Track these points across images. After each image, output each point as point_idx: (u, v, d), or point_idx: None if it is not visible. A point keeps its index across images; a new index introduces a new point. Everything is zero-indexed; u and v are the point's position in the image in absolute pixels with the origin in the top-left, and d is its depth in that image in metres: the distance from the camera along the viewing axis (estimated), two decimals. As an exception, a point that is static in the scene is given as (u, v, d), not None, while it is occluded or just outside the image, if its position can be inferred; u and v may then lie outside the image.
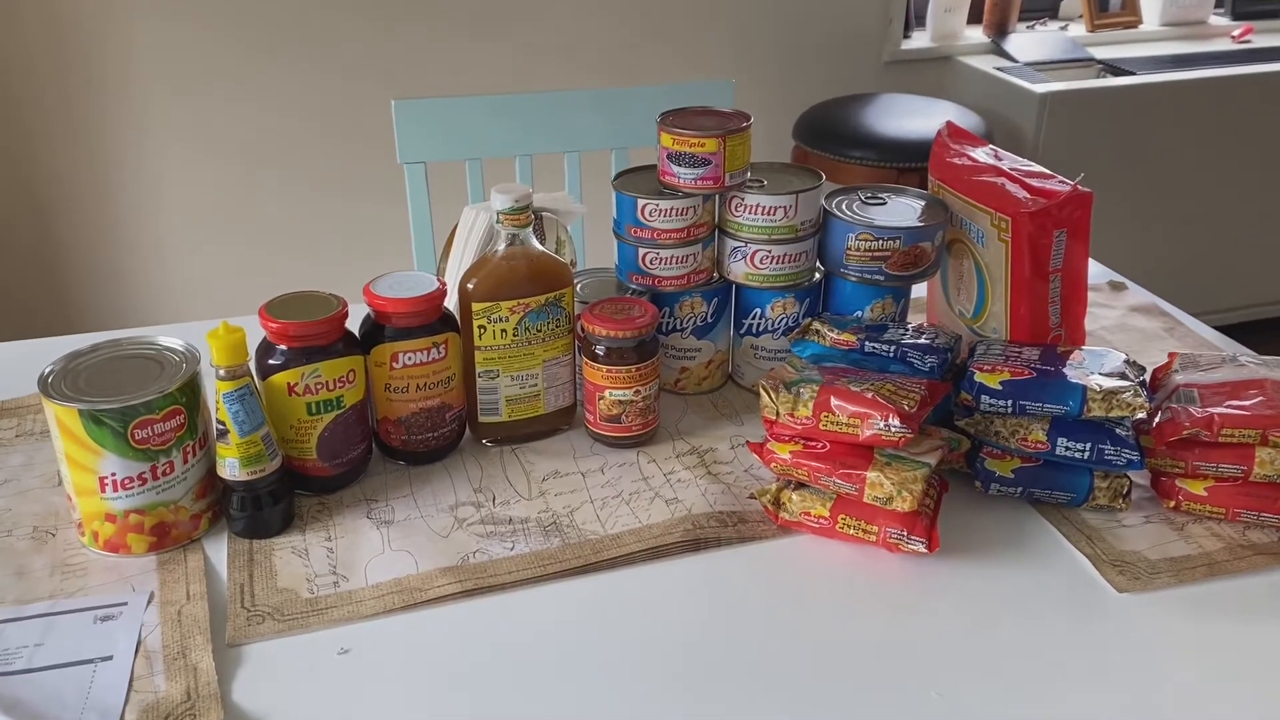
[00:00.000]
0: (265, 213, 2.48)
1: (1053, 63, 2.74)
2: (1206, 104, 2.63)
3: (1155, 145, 2.63)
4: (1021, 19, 2.90)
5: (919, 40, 2.80)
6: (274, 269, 2.50)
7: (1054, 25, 2.97)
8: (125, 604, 0.81)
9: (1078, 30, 2.93)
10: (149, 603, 0.81)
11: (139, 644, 0.77)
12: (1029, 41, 2.81)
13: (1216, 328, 1.25)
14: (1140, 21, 2.95)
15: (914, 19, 2.80)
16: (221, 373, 0.83)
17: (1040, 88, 2.50)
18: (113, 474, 0.82)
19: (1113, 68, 2.72)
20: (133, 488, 0.83)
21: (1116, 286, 1.33)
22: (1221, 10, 3.03)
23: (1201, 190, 2.73)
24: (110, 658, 0.76)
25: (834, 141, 2.39)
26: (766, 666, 0.76)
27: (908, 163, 2.29)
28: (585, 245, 1.60)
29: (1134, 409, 0.85)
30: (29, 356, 1.03)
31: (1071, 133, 2.52)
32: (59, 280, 2.44)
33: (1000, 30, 2.82)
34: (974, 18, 2.85)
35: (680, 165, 1.00)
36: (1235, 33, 2.93)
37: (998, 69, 2.67)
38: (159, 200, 2.41)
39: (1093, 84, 2.62)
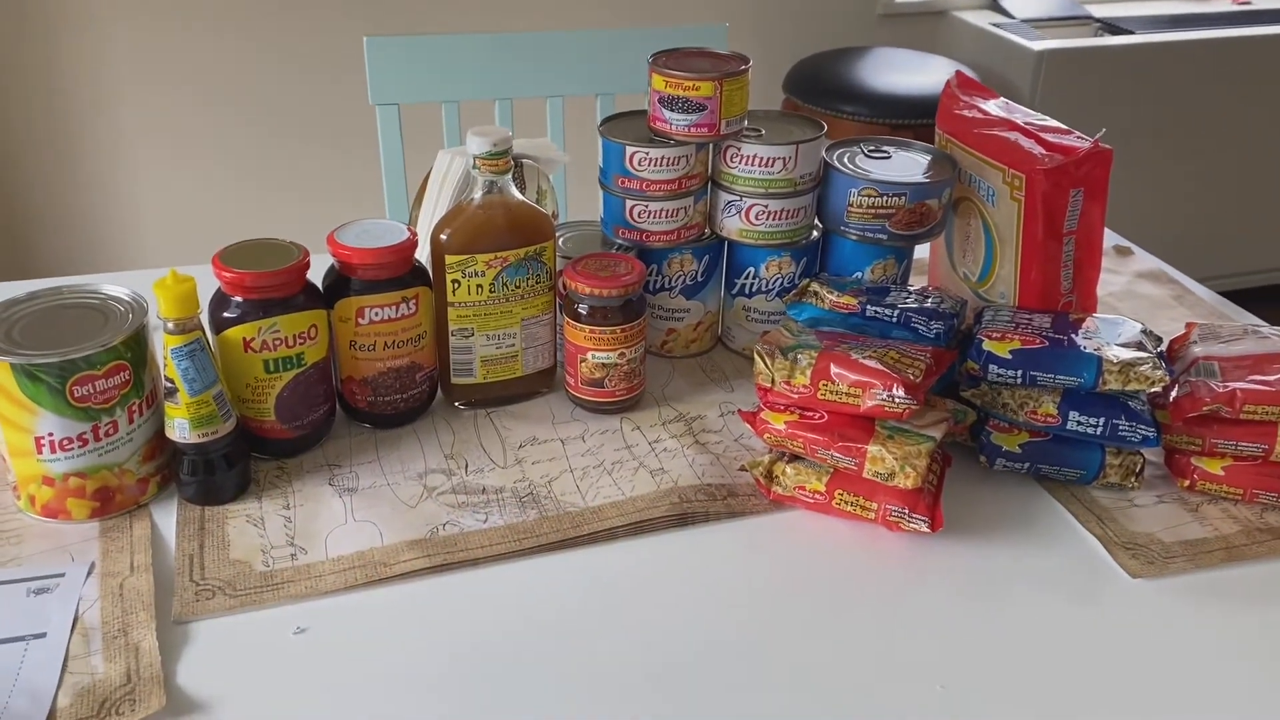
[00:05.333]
0: (230, 155, 2.37)
1: (1050, 20, 2.66)
2: (1205, 65, 2.56)
3: (1153, 106, 2.56)
4: (1019, -27, 2.81)
5: (914, -7, 2.72)
6: (239, 213, 2.39)
7: (1052, -19, 2.89)
8: (63, 575, 0.74)
9: (1076, -13, 2.85)
10: (89, 574, 0.74)
11: (76, 620, 0.71)
12: (1026, -3, 2.73)
13: (1219, 293, 1.20)
14: (1139, -21, 2.88)
15: (909, -29, 2.72)
16: (170, 326, 0.76)
17: (1037, 45, 2.43)
18: (50, 434, 0.76)
19: (1111, 26, 2.65)
20: (72, 449, 0.76)
21: (1122, 251, 1.28)
22: (1222, -30, 2.96)
23: (1200, 152, 2.68)
24: (44, 634, 0.69)
25: (826, 95, 2.31)
26: (755, 651, 0.71)
27: (901, 119, 2.21)
28: (567, 197, 1.53)
29: (1153, 382, 0.80)
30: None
31: (1068, 91, 2.46)
32: (9, 221, 2.33)
33: (997, -15, 2.74)
34: (971, -29, 2.77)
35: (672, 110, 0.93)
36: (1236, -7, 2.86)
37: (994, 25, 2.59)
38: (116, 139, 2.30)
39: (1090, 42, 2.55)
